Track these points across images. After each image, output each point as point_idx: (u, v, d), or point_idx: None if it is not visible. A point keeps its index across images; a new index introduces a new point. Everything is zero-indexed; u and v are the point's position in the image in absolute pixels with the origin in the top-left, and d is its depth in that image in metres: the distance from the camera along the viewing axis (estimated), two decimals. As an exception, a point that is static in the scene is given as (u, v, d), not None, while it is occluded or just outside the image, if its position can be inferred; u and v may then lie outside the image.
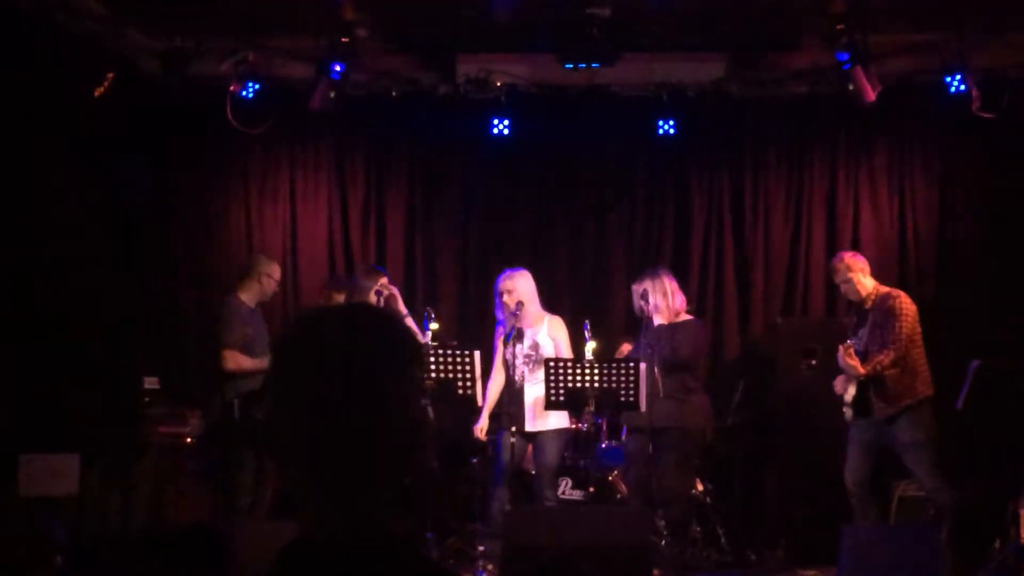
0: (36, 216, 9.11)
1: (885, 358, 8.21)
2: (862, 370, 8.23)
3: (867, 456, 8.42)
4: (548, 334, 8.85)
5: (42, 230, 9.14)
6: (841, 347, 8.34)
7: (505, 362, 8.85)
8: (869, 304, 8.48)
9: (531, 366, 8.72)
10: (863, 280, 8.54)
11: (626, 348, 9.71)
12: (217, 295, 9.94)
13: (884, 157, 10.84)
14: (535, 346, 8.74)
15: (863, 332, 8.43)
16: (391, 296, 8.87)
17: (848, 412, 8.48)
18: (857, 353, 8.31)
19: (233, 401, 8.64)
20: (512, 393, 8.76)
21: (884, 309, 8.36)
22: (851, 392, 8.40)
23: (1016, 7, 9.23)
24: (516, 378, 8.73)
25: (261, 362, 8.63)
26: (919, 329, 8.40)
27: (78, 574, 7.69)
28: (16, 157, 8.86)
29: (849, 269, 8.54)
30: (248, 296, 8.92)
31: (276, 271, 8.98)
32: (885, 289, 8.53)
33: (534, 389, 8.67)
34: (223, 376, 8.77)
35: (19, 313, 8.80)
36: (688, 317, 8.94)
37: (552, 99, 10.66)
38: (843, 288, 8.65)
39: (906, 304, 8.36)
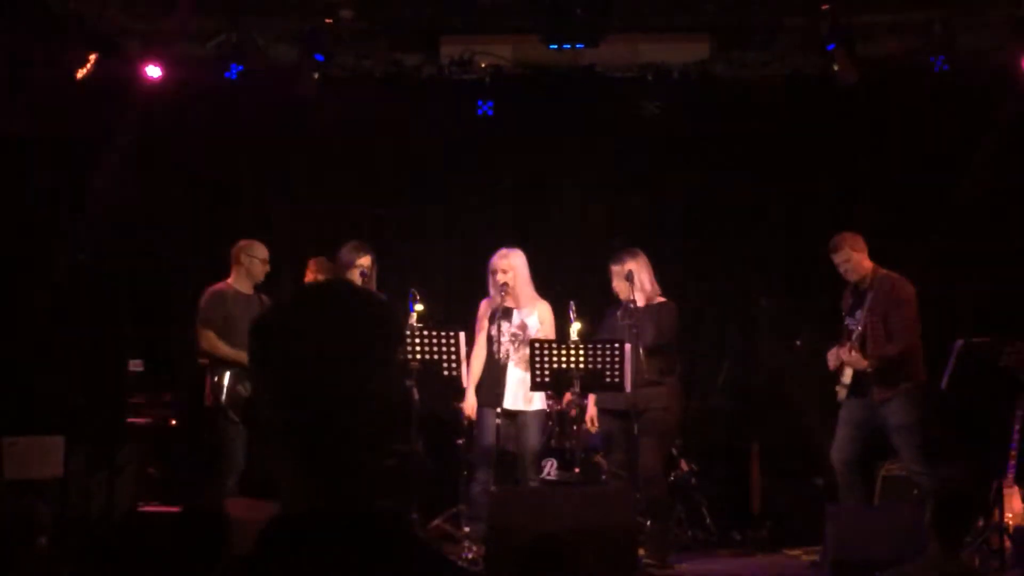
0: (20, 200, 9.09)
1: (894, 349, 8.20)
2: (864, 363, 8.23)
3: (856, 436, 8.41)
4: (539, 317, 8.84)
5: (25, 212, 9.11)
6: (842, 352, 8.32)
7: (489, 338, 8.83)
8: (867, 285, 8.43)
9: (516, 346, 8.69)
10: (863, 260, 8.49)
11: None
12: (201, 276, 9.91)
13: (866, 137, 10.84)
14: (523, 326, 8.70)
15: (860, 313, 8.39)
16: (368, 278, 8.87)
17: (842, 392, 8.46)
18: (856, 335, 8.28)
19: (222, 381, 8.61)
20: (494, 372, 8.74)
21: (887, 294, 8.30)
22: (848, 373, 8.38)
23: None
24: (500, 356, 8.70)
25: (238, 353, 8.54)
26: (918, 315, 8.38)
27: (62, 557, 7.68)
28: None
29: (851, 248, 8.49)
30: (239, 282, 8.85)
31: (259, 251, 8.89)
32: (884, 271, 8.46)
33: (518, 369, 8.66)
34: (208, 356, 8.73)
35: (3, 296, 8.77)
36: (662, 299, 8.91)
37: (536, 80, 10.64)
38: (842, 267, 8.57)
39: (910, 291, 8.33)
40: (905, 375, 8.26)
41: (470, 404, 8.87)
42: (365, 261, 8.93)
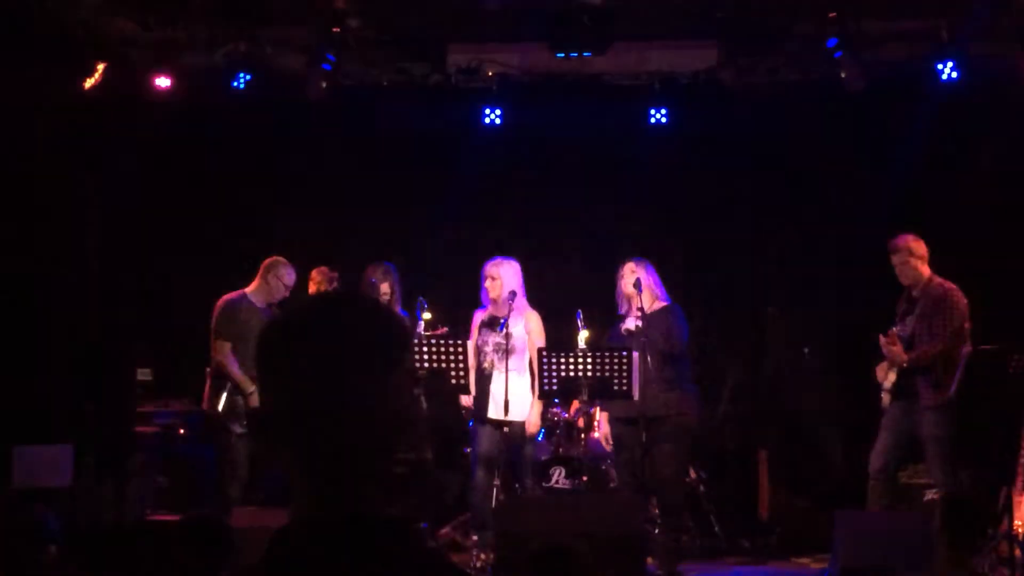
0: (29, 209, 9.10)
1: (932, 348, 8.19)
2: (905, 357, 8.22)
3: (897, 444, 8.38)
4: (524, 327, 8.79)
5: (35, 222, 9.12)
6: (882, 337, 8.32)
7: (476, 348, 8.79)
8: (918, 291, 8.45)
9: (500, 355, 8.63)
10: (921, 266, 8.50)
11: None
12: (209, 286, 9.94)
13: (874, 143, 10.82)
14: (508, 336, 8.64)
15: (911, 320, 8.41)
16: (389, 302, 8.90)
17: (886, 398, 8.46)
18: (902, 339, 8.30)
19: (221, 391, 8.60)
20: (480, 381, 8.72)
21: (935, 300, 8.32)
22: (891, 379, 8.38)
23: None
24: (485, 366, 8.69)
25: (246, 380, 8.52)
26: (968, 326, 8.37)
27: (72, 566, 7.68)
28: (8, 149, 8.84)
29: (910, 252, 8.49)
30: (256, 295, 8.84)
31: (287, 275, 8.89)
32: (939, 280, 8.48)
33: (502, 378, 8.59)
34: (214, 368, 8.73)
35: (14, 304, 8.79)
36: (664, 303, 8.85)
37: (543, 88, 10.64)
38: (898, 269, 8.57)
39: (959, 298, 8.34)
40: (949, 385, 8.25)
41: (466, 399, 8.82)
42: (385, 287, 8.98)
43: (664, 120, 10.49)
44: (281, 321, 1.84)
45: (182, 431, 9.58)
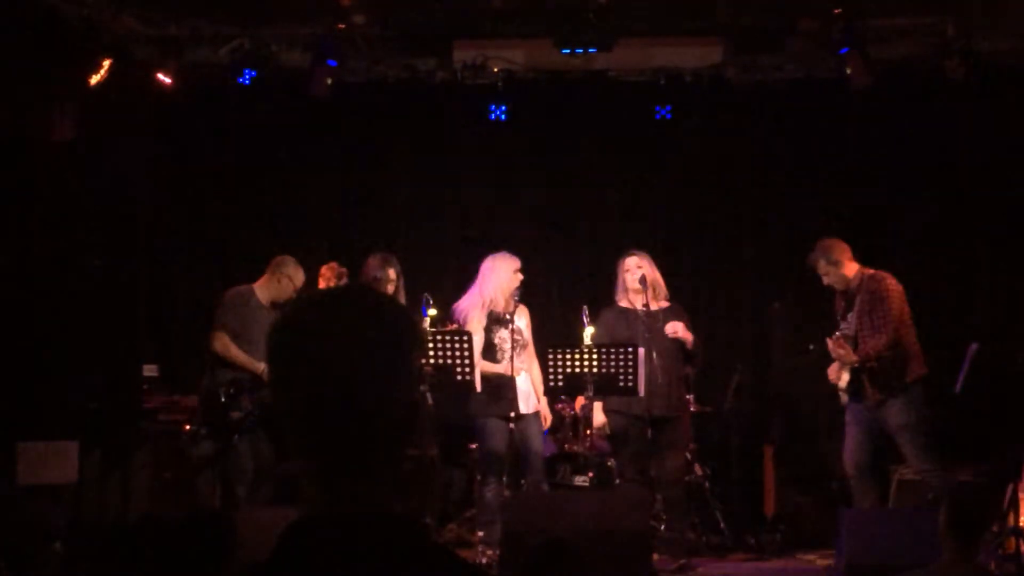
0: (34, 204, 9.12)
1: (878, 344, 8.18)
2: (854, 357, 8.20)
3: (865, 439, 8.39)
4: (526, 321, 8.83)
5: (40, 218, 9.14)
6: (830, 340, 8.31)
7: (492, 345, 8.76)
8: (855, 287, 8.43)
9: (518, 350, 8.65)
10: (846, 265, 8.46)
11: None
12: (214, 281, 9.95)
13: (880, 140, 10.81)
14: (519, 331, 8.67)
15: (851, 316, 8.39)
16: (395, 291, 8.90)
17: (844, 397, 8.46)
18: (848, 338, 8.28)
19: (219, 388, 8.58)
20: (498, 379, 8.68)
21: (871, 293, 8.30)
22: (845, 378, 8.37)
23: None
24: (504, 363, 8.67)
25: (253, 361, 8.51)
26: (907, 310, 8.35)
27: (77, 561, 7.70)
28: (12, 145, 8.85)
29: (827, 260, 8.45)
30: (263, 292, 8.82)
31: (299, 276, 8.87)
32: (870, 271, 8.44)
33: (521, 372, 8.62)
34: (213, 360, 8.70)
35: (18, 301, 8.80)
36: (667, 304, 8.86)
37: (549, 85, 10.65)
38: (826, 280, 8.57)
39: (892, 286, 8.30)
40: (899, 375, 8.23)
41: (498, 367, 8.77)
42: (391, 273, 8.96)
43: (669, 116, 10.49)
44: (292, 317, 1.84)
45: (187, 427, 9.58)
